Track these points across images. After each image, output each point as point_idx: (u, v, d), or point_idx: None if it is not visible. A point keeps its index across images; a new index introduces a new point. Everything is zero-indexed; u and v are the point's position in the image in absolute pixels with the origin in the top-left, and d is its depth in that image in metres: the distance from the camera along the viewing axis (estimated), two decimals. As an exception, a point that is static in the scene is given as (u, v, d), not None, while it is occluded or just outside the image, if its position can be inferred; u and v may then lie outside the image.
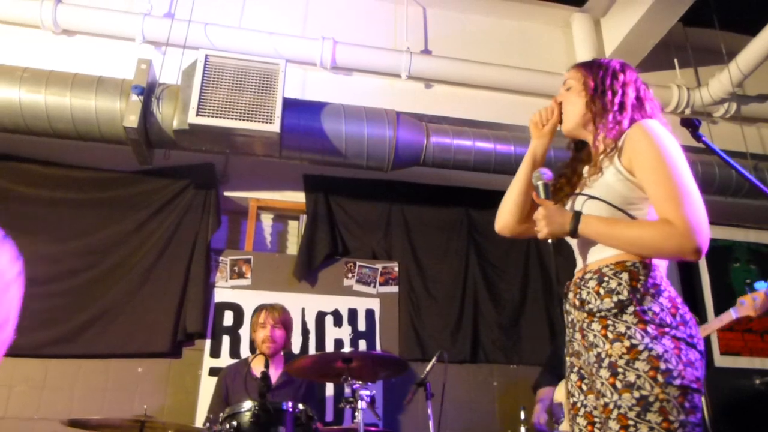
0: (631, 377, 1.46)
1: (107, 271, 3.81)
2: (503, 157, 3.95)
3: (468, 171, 4.03)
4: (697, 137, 1.80)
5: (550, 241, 1.67)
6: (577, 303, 1.66)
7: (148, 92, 3.47)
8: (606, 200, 1.63)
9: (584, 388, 1.64)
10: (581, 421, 1.63)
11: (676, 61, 5.07)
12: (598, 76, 1.79)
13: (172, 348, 3.71)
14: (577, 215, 1.63)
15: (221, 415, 2.79)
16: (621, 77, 1.79)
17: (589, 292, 1.63)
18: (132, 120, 3.35)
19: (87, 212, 3.89)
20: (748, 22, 4.60)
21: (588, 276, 1.65)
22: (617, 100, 1.74)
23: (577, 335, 1.65)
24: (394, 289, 4.20)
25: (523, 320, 4.30)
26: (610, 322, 1.55)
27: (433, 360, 3.21)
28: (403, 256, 4.30)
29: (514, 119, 4.29)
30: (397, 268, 4.25)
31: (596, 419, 1.59)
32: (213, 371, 3.66)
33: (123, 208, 3.94)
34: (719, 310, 4.56)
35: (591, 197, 1.67)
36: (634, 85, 1.79)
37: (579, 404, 1.65)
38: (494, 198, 4.44)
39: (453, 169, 4.02)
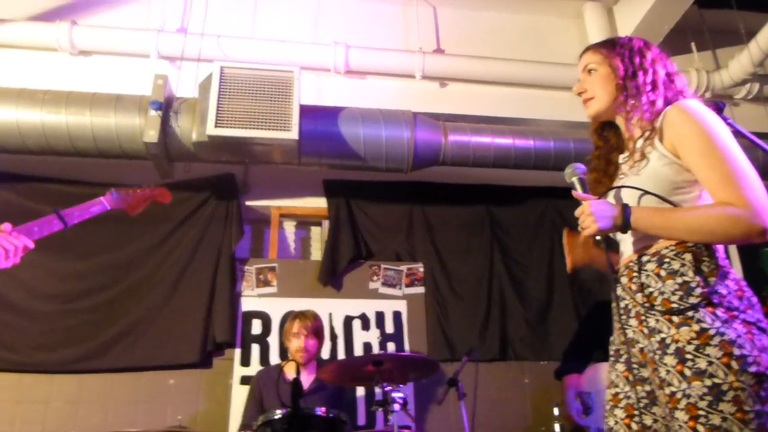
0: (702, 364, 1.36)
1: (134, 286, 3.87)
2: (523, 152, 3.92)
3: (488, 168, 4.00)
4: (723, 120, 1.75)
5: (598, 238, 1.54)
6: (634, 287, 1.56)
7: (166, 107, 3.50)
8: (657, 193, 1.53)
9: (631, 378, 1.56)
10: (619, 412, 1.57)
11: (693, 44, 4.97)
12: (625, 56, 1.70)
13: (202, 358, 3.74)
14: (626, 208, 1.50)
15: (254, 423, 2.81)
16: (649, 54, 1.70)
17: (648, 275, 1.53)
18: (152, 135, 3.39)
19: (111, 228, 3.93)
20: (766, -1, 4.51)
21: (645, 259, 1.56)
22: (649, 79, 1.66)
23: (633, 321, 1.55)
24: (420, 290, 4.19)
25: (551, 316, 4.26)
26: (674, 305, 1.45)
27: (465, 358, 3.19)
28: (427, 257, 4.28)
29: (531, 113, 4.25)
30: (422, 269, 4.24)
31: (636, 412, 1.53)
32: (244, 380, 3.68)
33: (146, 222, 3.95)
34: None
35: (640, 190, 1.56)
36: (661, 61, 1.71)
37: (622, 395, 1.58)
38: (515, 194, 4.49)
39: (472, 167, 3.99)
